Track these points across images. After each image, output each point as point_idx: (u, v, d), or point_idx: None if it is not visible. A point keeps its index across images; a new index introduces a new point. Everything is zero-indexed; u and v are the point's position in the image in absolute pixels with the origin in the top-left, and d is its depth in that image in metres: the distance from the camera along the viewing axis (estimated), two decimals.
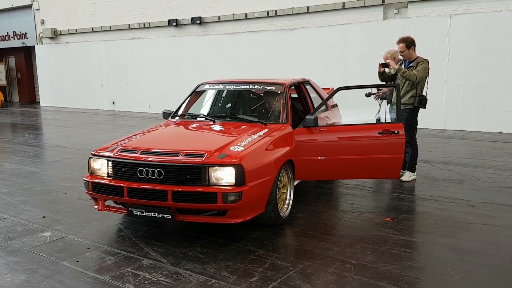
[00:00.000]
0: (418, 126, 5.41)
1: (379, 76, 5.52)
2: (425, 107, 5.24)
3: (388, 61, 5.31)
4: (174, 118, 4.77)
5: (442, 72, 9.25)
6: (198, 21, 12.96)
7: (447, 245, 3.47)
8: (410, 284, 2.86)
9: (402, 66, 5.30)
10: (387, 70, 5.36)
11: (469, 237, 3.63)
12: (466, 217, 4.12)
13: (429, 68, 5.17)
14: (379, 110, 5.86)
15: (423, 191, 4.97)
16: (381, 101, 5.86)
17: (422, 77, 5.08)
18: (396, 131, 4.22)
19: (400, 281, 2.90)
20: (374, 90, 5.79)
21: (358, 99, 5.88)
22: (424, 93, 5.25)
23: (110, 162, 3.63)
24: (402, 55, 5.32)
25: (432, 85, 9.38)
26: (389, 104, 5.72)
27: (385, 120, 5.89)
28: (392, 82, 5.42)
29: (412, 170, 5.40)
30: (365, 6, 10.30)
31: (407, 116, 5.19)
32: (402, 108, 5.07)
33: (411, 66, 5.19)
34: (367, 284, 2.85)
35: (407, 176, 5.35)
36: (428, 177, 5.62)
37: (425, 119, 9.67)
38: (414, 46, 5.26)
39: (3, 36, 19.29)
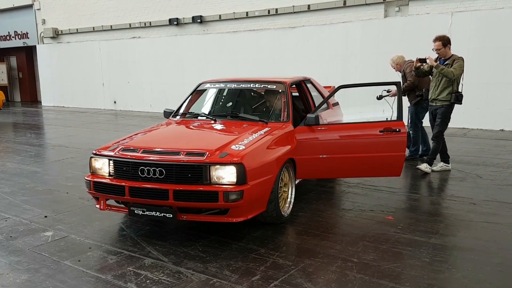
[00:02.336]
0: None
1: (414, 71, 5.71)
2: (461, 103, 5.44)
3: (426, 56, 5.46)
4: (175, 117, 4.77)
5: None
6: (199, 20, 12.95)
7: (449, 243, 3.46)
8: (412, 282, 2.85)
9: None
10: (423, 65, 5.54)
11: (471, 235, 3.63)
12: (468, 215, 4.12)
13: (464, 66, 5.36)
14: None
15: (425, 189, 4.96)
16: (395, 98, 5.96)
17: (458, 74, 5.29)
18: (397, 129, 4.21)
19: (402, 279, 2.89)
20: (385, 93, 5.88)
21: (360, 97, 5.88)
22: (459, 90, 5.43)
23: (111, 162, 3.63)
24: (438, 53, 5.49)
25: None
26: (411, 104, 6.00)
27: (408, 120, 6.02)
28: (430, 78, 5.64)
29: (431, 163, 5.61)
30: (366, 4, 10.28)
31: (443, 112, 5.45)
32: (439, 104, 5.42)
33: (447, 64, 5.37)
34: (368, 282, 2.85)
35: (424, 166, 5.59)
36: (430, 175, 5.61)
37: (427, 117, 9.68)
38: (450, 44, 5.45)
39: (4, 36, 19.32)
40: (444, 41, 5.39)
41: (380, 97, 5.87)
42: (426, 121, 6.12)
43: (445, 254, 3.28)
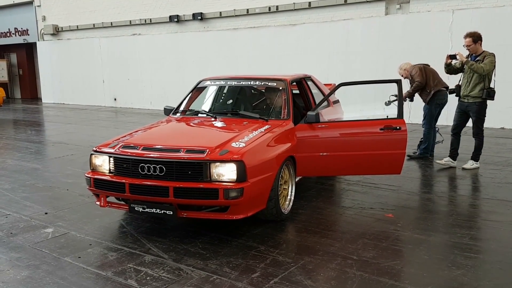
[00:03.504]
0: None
1: (445, 68, 5.73)
2: (493, 99, 5.43)
3: (456, 52, 5.48)
4: (176, 115, 4.77)
5: None
6: (199, 17, 12.94)
7: (449, 241, 3.47)
8: (412, 280, 2.86)
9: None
10: (453, 62, 5.56)
11: (471, 233, 3.63)
12: (468, 213, 4.12)
13: (495, 61, 5.36)
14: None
15: (425, 187, 4.96)
16: (407, 99, 6.01)
17: (489, 70, 5.29)
18: (398, 127, 4.21)
19: (401, 277, 2.90)
20: (393, 98, 5.87)
21: (360, 95, 5.87)
22: (492, 86, 5.44)
23: (111, 159, 3.63)
24: (468, 49, 5.48)
25: None
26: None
27: (423, 118, 6.05)
28: (461, 75, 5.66)
29: (477, 159, 5.66)
30: (367, 1, 10.27)
31: (477, 109, 5.45)
32: (471, 101, 5.45)
33: (478, 60, 5.37)
34: (368, 280, 2.85)
35: (470, 164, 5.64)
36: (430, 173, 5.61)
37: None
38: (481, 41, 5.43)
39: (4, 32, 19.29)
40: (475, 38, 5.37)
41: (388, 103, 5.87)
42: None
43: (444, 252, 3.28)
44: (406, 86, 6.10)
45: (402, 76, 6.37)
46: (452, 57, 5.48)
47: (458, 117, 5.67)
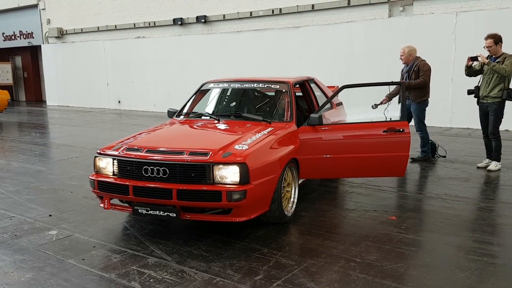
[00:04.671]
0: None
1: (465, 70, 5.78)
2: None
3: (478, 54, 5.53)
4: (179, 117, 4.78)
5: (448, 69, 9.19)
6: (203, 20, 12.97)
7: (453, 244, 3.46)
8: (415, 283, 2.85)
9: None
10: (474, 63, 5.63)
11: (474, 236, 3.62)
12: (471, 215, 4.11)
13: None
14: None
15: (429, 189, 4.95)
16: (390, 103, 6.03)
17: (510, 70, 5.36)
18: (401, 129, 4.21)
19: (404, 279, 2.89)
20: (378, 102, 5.99)
21: (363, 98, 5.87)
22: (511, 86, 5.53)
23: (115, 161, 3.65)
24: (489, 51, 5.56)
25: (438, 83, 9.35)
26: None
27: (414, 124, 6.05)
28: (481, 76, 5.71)
29: (498, 159, 5.72)
30: (370, 4, 10.26)
31: (495, 109, 5.56)
32: (490, 101, 5.54)
33: (498, 62, 5.45)
34: (371, 282, 2.85)
35: (493, 165, 5.68)
36: (434, 175, 5.60)
37: (431, 117, 9.62)
38: (501, 42, 5.53)
39: (9, 35, 19.40)
40: (496, 39, 5.48)
41: (375, 106, 5.97)
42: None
43: (448, 255, 3.27)
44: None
45: (401, 57, 6.16)
46: (474, 59, 5.55)
47: (483, 119, 5.80)
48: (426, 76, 6.00)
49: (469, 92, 5.88)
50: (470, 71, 5.74)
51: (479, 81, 5.71)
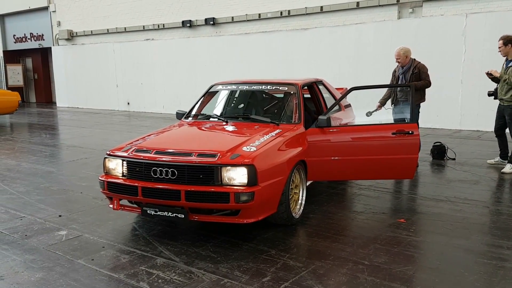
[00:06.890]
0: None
1: (492, 80, 5.96)
2: None
3: (490, 71, 5.72)
4: (188, 119, 4.80)
5: (458, 71, 9.13)
6: (211, 22, 13.02)
7: (462, 247, 3.43)
8: (424, 286, 2.83)
9: (504, 65, 5.70)
10: (491, 77, 5.82)
11: (484, 239, 3.59)
12: (481, 218, 4.07)
13: None
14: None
15: (438, 192, 4.92)
16: (382, 107, 6.11)
17: None
18: (410, 131, 4.19)
19: (413, 282, 2.88)
20: (373, 109, 6.02)
21: (372, 100, 5.86)
22: None
23: (125, 162, 3.68)
24: (499, 51, 5.67)
25: (447, 85, 9.29)
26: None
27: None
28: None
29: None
30: (379, 5, 10.23)
31: (510, 112, 5.63)
32: (506, 104, 5.65)
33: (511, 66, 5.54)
34: (380, 285, 2.84)
35: (508, 168, 5.66)
36: (443, 177, 5.56)
37: (440, 119, 9.58)
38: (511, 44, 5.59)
39: (20, 37, 19.62)
40: (505, 40, 5.58)
41: (369, 114, 5.95)
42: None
43: (457, 257, 3.25)
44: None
45: (397, 59, 6.01)
46: (489, 75, 5.76)
47: (498, 119, 5.88)
48: (428, 77, 5.97)
49: (489, 94, 6.00)
50: (495, 81, 5.87)
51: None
